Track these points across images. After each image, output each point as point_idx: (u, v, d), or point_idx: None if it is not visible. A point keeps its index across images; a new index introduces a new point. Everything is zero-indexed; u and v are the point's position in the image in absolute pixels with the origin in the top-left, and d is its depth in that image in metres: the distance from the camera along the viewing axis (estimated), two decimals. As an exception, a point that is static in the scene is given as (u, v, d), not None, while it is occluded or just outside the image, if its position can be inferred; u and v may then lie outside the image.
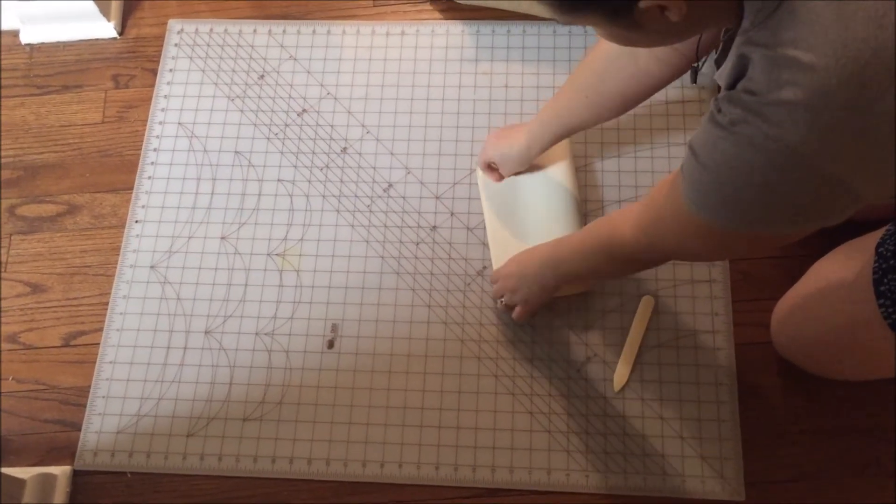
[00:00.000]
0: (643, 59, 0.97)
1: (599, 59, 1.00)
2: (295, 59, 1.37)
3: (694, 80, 0.94)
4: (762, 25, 0.61)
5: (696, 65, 0.92)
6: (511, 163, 1.14)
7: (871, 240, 0.87)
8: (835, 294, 0.91)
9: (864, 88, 0.56)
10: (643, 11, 0.63)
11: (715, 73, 0.75)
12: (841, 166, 0.61)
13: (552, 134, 1.09)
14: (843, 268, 0.90)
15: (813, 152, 0.60)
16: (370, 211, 1.25)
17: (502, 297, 1.12)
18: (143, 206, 1.28)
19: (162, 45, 1.40)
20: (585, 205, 1.21)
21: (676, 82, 1.26)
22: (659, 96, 1.26)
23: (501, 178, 1.19)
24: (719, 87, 0.93)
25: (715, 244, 0.78)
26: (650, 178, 1.23)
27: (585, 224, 1.15)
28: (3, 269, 1.27)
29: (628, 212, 0.89)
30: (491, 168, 1.19)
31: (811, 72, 0.57)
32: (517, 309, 1.11)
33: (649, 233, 0.83)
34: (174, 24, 1.41)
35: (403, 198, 1.26)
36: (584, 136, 1.25)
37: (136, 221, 1.27)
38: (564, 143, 1.21)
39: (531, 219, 1.18)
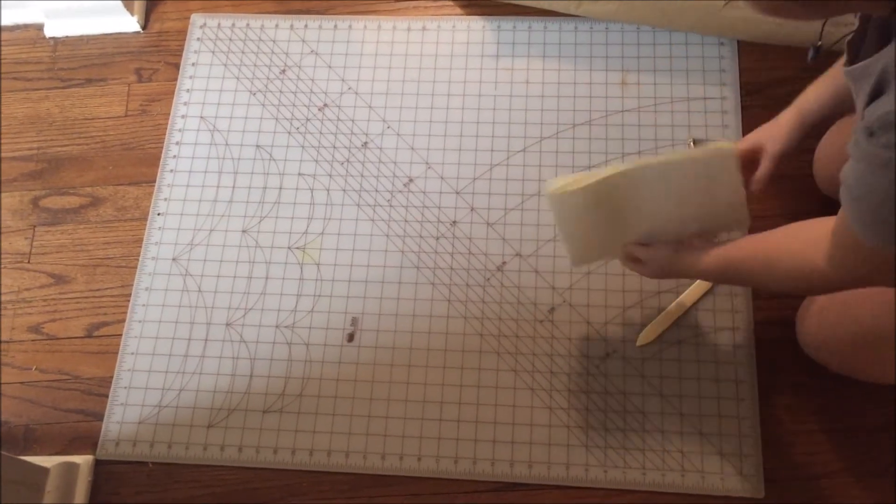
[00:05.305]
0: None
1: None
2: (316, 54, 1.37)
3: (814, 58, 0.86)
4: None
5: (819, 43, 0.85)
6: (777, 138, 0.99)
7: None
8: (874, 298, 0.87)
9: None
10: None
11: (845, 59, 0.71)
12: None
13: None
14: None
15: None
16: (390, 205, 1.26)
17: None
18: (165, 199, 1.29)
19: (184, 40, 1.41)
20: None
21: (698, 77, 1.28)
22: (680, 92, 1.27)
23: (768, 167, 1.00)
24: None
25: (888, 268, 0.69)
26: (671, 174, 1.22)
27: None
28: (27, 260, 1.29)
29: (814, 241, 0.78)
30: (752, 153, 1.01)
31: None
32: (641, 268, 1.00)
33: (846, 265, 0.74)
34: (197, 19, 1.42)
35: (423, 192, 1.26)
36: (605, 131, 1.25)
37: (159, 214, 1.28)
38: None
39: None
